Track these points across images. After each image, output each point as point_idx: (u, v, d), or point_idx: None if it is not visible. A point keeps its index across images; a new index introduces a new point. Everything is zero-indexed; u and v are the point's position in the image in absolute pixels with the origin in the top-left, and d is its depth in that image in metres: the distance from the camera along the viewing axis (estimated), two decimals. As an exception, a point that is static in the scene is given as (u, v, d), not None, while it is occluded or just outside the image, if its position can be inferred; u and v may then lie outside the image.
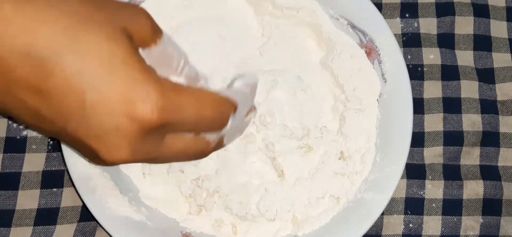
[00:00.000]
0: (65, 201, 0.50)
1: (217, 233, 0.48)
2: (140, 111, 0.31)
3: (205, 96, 0.35)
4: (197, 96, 0.34)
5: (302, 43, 0.53)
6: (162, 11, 0.51)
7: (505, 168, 0.53)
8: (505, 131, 0.54)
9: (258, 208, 0.48)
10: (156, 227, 0.47)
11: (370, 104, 0.50)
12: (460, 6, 0.56)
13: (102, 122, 0.31)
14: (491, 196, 0.52)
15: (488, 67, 0.55)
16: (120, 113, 0.31)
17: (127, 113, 0.31)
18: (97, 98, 0.31)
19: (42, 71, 0.30)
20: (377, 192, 0.47)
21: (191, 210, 0.49)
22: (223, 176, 0.48)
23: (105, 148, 0.33)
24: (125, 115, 0.31)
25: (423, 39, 0.55)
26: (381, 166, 0.48)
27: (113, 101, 0.31)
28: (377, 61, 0.51)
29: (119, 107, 0.31)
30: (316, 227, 0.48)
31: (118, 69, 0.31)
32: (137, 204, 0.48)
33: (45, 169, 0.51)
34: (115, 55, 0.31)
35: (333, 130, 0.51)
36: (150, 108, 0.31)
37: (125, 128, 0.32)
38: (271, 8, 0.52)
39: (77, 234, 0.49)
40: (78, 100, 0.31)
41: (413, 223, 0.51)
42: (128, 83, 0.31)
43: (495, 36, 0.56)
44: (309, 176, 0.49)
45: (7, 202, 0.50)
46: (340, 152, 0.50)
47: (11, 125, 0.51)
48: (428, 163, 0.52)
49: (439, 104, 0.54)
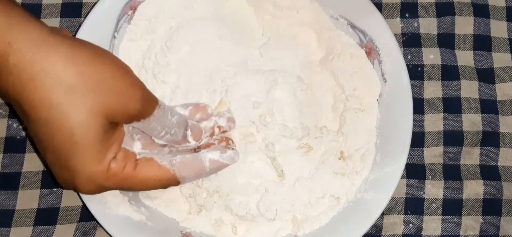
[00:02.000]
0: (65, 201, 0.50)
1: (217, 233, 0.48)
2: (82, 189, 0.40)
3: (148, 177, 0.41)
4: (140, 178, 0.41)
5: (302, 43, 0.53)
6: (162, 11, 0.51)
7: (505, 168, 0.53)
8: (505, 131, 0.54)
9: (258, 208, 0.48)
10: (156, 227, 0.47)
11: (370, 104, 0.50)
12: (460, 6, 0.56)
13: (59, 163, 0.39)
14: (491, 196, 0.52)
15: (488, 67, 0.55)
16: (69, 180, 0.40)
17: (70, 183, 0.40)
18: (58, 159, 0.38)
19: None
20: (377, 192, 0.47)
21: (191, 210, 0.49)
22: (223, 176, 0.48)
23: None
24: (69, 183, 0.40)
25: (423, 39, 0.55)
26: (381, 166, 0.48)
27: (67, 171, 0.39)
28: (377, 61, 0.51)
29: (66, 176, 0.39)
30: (316, 227, 0.48)
31: (79, 148, 0.37)
32: (137, 204, 0.48)
33: (45, 169, 0.51)
34: (84, 135, 0.37)
35: (333, 130, 0.51)
36: (92, 188, 0.40)
37: (68, 186, 0.40)
38: (271, 8, 0.52)
39: (77, 234, 0.49)
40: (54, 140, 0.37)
41: (413, 223, 0.51)
42: (82, 162, 0.38)
43: (495, 36, 0.56)
44: (309, 176, 0.49)
45: (7, 202, 0.50)
46: (340, 152, 0.50)
47: (11, 125, 0.51)
48: (428, 163, 0.52)
49: (439, 104, 0.54)
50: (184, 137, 0.44)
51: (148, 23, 0.51)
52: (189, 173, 0.43)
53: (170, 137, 0.43)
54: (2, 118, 0.51)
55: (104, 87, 0.37)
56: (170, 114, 0.43)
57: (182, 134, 0.44)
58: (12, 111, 0.52)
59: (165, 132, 0.43)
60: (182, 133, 0.44)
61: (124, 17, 0.51)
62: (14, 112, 0.51)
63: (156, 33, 0.51)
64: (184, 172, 0.43)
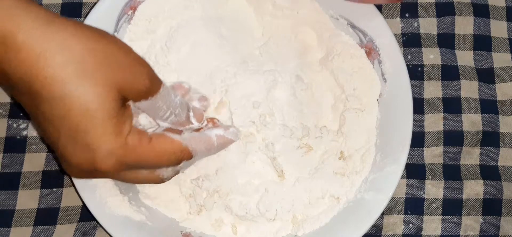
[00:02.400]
0: (65, 201, 0.50)
1: (217, 233, 0.48)
2: (103, 165, 0.38)
3: (163, 150, 0.41)
4: (156, 151, 0.41)
5: (302, 43, 0.53)
6: (162, 11, 0.51)
7: (505, 168, 0.53)
8: (505, 131, 0.54)
9: (258, 208, 0.48)
10: (156, 227, 0.47)
11: (370, 104, 0.50)
12: (460, 6, 0.56)
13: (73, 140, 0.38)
14: (491, 196, 0.52)
15: (488, 67, 0.55)
16: (85, 158, 0.38)
17: (89, 161, 0.38)
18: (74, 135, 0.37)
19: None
20: (377, 192, 0.47)
21: (191, 210, 0.49)
22: (223, 176, 0.48)
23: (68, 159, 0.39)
24: (88, 162, 0.38)
25: (423, 39, 0.55)
26: (381, 166, 0.48)
27: (82, 146, 0.38)
28: (377, 61, 0.51)
29: (84, 155, 0.38)
30: (316, 227, 0.48)
31: (97, 122, 0.37)
32: (137, 204, 0.48)
33: (45, 169, 0.51)
34: (100, 109, 0.37)
35: (333, 130, 0.51)
36: (113, 163, 0.39)
37: (86, 166, 0.39)
38: (271, 8, 0.52)
39: (77, 234, 0.49)
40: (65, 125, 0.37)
41: (413, 223, 0.51)
42: (100, 136, 0.38)
43: (495, 36, 0.56)
44: (309, 176, 0.49)
45: (7, 202, 0.50)
46: (340, 152, 0.50)
47: (11, 125, 0.51)
48: (428, 163, 0.52)
49: (439, 104, 0.54)
50: (187, 118, 0.44)
51: (148, 23, 0.51)
52: (200, 147, 0.43)
53: (174, 118, 0.43)
54: (2, 118, 0.51)
55: (115, 62, 0.38)
56: (173, 95, 0.43)
57: (185, 115, 0.44)
58: (12, 111, 0.52)
59: (170, 113, 0.43)
60: (185, 114, 0.44)
61: (124, 17, 0.51)
62: (14, 112, 0.51)
63: (156, 33, 0.51)
64: (195, 145, 0.43)
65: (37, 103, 0.37)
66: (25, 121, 0.51)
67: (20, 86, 0.37)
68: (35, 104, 0.37)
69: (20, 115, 0.51)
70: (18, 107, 0.52)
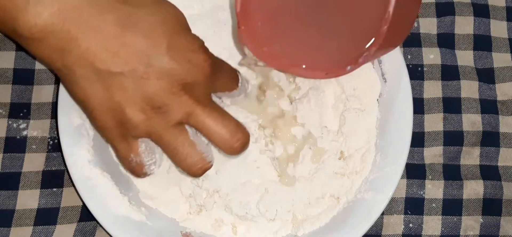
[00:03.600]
0: (65, 201, 0.50)
1: (217, 233, 0.48)
2: (208, 61, 0.41)
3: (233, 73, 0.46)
4: (231, 75, 0.46)
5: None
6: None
7: (505, 168, 0.53)
8: (505, 131, 0.54)
9: (258, 208, 0.48)
10: (156, 227, 0.47)
11: (370, 104, 0.50)
12: (460, 6, 0.56)
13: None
14: (491, 196, 0.52)
15: (488, 67, 0.55)
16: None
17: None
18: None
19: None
20: (377, 192, 0.47)
21: (191, 210, 0.49)
22: (223, 176, 0.48)
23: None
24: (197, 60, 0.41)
25: (423, 39, 0.55)
26: (381, 166, 0.48)
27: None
28: (377, 61, 0.51)
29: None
30: (316, 227, 0.48)
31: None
32: (137, 204, 0.48)
33: (45, 169, 0.51)
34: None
35: (333, 130, 0.51)
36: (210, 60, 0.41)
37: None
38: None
39: (77, 234, 0.49)
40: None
41: (413, 223, 0.51)
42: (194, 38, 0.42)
43: (495, 36, 0.56)
44: (309, 176, 0.49)
45: (7, 202, 0.50)
46: (340, 152, 0.50)
47: (11, 125, 0.51)
48: (428, 163, 0.52)
49: (439, 104, 0.54)
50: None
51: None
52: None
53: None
54: (2, 118, 0.51)
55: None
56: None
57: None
58: (12, 111, 0.51)
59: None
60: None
61: (124, 17, 0.51)
62: (14, 112, 0.51)
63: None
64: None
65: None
66: (25, 121, 0.51)
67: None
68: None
69: (20, 115, 0.51)
70: (18, 107, 0.52)
